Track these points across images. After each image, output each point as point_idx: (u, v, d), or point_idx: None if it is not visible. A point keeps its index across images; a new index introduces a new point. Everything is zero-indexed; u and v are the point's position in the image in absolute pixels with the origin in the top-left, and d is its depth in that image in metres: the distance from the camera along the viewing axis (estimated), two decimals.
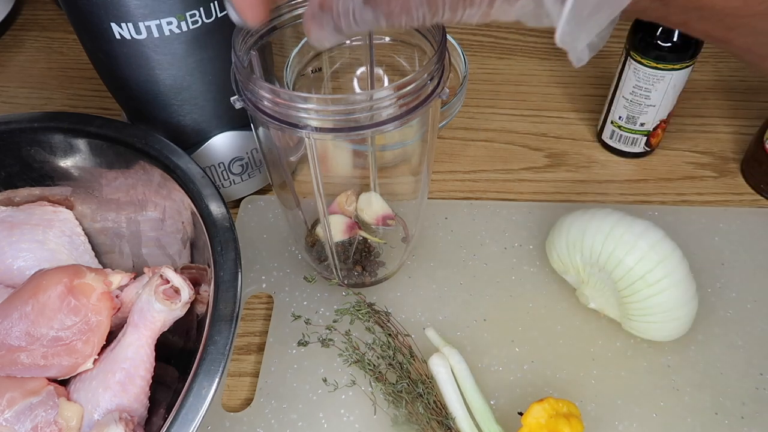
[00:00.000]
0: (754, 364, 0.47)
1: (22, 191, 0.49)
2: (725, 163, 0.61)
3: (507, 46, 0.74)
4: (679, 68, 0.53)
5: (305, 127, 0.35)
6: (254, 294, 0.52)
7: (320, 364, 0.47)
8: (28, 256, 0.45)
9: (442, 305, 0.50)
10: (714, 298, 0.50)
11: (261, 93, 0.35)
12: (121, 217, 0.48)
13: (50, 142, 0.47)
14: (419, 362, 0.46)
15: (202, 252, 0.42)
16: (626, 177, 0.60)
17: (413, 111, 0.35)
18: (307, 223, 0.52)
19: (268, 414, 0.45)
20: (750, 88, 0.69)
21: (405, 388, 0.44)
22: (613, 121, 0.59)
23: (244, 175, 0.56)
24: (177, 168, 0.44)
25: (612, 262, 0.44)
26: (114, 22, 0.42)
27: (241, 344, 0.49)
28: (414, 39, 0.41)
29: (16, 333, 0.38)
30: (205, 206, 0.42)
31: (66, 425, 0.37)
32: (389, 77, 0.63)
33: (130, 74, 0.46)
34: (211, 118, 0.51)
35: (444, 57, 0.37)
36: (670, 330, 0.45)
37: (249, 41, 0.38)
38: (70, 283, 0.39)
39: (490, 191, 0.60)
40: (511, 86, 0.69)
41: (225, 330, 0.36)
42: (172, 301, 0.40)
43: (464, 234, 0.55)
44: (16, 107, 0.68)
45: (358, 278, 0.51)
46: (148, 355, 0.40)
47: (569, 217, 0.48)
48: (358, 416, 0.44)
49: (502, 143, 0.64)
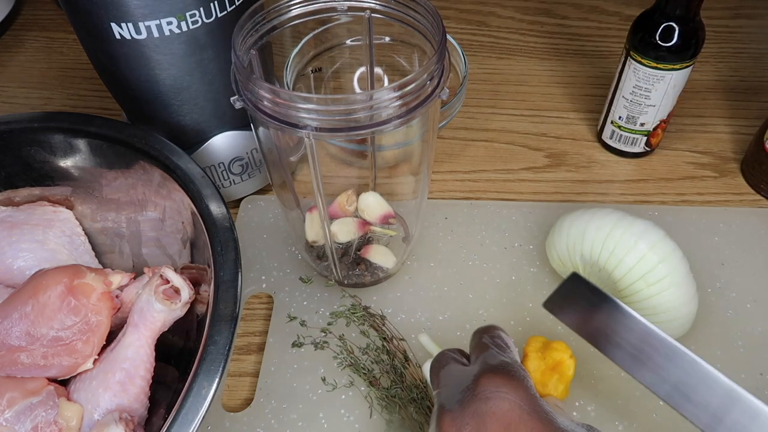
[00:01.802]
0: (754, 364, 0.47)
1: (22, 191, 0.49)
2: (725, 163, 0.61)
3: (507, 46, 0.74)
4: (679, 68, 0.53)
5: (305, 127, 0.35)
6: (254, 294, 0.52)
7: (320, 364, 0.47)
8: (28, 256, 0.45)
9: (442, 305, 0.50)
10: (714, 298, 0.50)
11: (261, 93, 0.35)
12: (121, 217, 0.48)
13: (50, 142, 0.47)
14: (414, 367, 0.46)
15: (202, 252, 0.42)
16: (626, 177, 0.60)
17: (413, 111, 0.35)
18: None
19: (268, 414, 0.45)
20: (750, 88, 0.69)
21: (398, 393, 0.44)
22: (613, 121, 0.59)
23: (244, 175, 0.56)
24: (177, 168, 0.44)
25: (612, 262, 0.44)
26: (114, 22, 0.42)
27: (241, 344, 0.49)
28: (414, 39, 0.41)
29: (16, 333, 0.38)
30: (205, 206, 0.42)
31: (66, 425, 0.37)
32: (389, 77, 0.63)
33: (130, 74, 0.46)
34: (211, 118, 0.51)
35: (444, 57, 0.37)
36: (670, 330, 0.45)
37: (249, 41, 0.38)
38: (70, 283, 0.39)
39: (490, 191, 0.60)
40: (511, 86, 0.69)
41: (225, 330, 0.36)
42: (172, 301, 0.40)
43: (464, 234, 0.55)
44: (16, 107, 0.68)
45: (358, 278, 0.51)
46: (148, 355, 0.40)
47: (569, 217, 0.48)
48: (358, 416, 0.44)
49: (502, 143, 0.64)
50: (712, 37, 0.73)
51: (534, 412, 0.30)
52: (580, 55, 0.73)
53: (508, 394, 0.30)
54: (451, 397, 0.32)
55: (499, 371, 0.32)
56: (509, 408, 0.30)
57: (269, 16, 0.39)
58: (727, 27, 0.76)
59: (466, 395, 0.31)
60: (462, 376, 0.33)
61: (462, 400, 0.31)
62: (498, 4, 0.80)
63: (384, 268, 0.50)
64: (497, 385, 0.31)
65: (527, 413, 0.30)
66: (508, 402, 0.30)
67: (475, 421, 0.30)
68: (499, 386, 0.31)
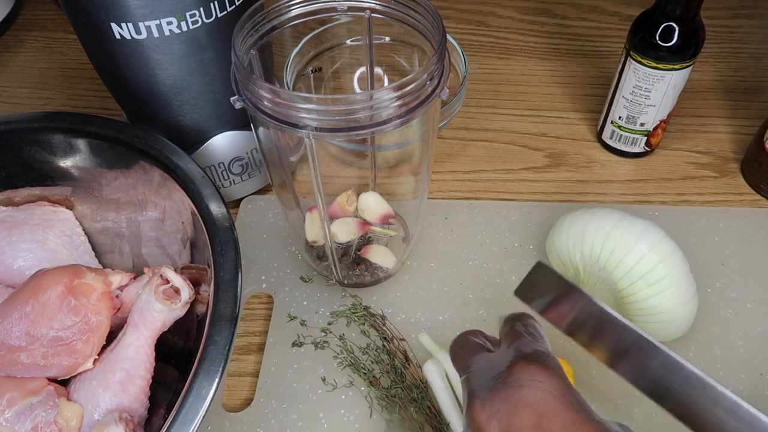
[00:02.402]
0: (754, 364, 0.47)
1: (22, 191, 0.49)
2: (725, 163, 0.61)
3: (507, 46, 0.74)
4: (679, 68, 0.53)
5: (305, 127, 0.35)
6: (254, 294, 0.52)
7: (320, 364, 0.47)
8: (28, 256, 0.45)
9: (442, 305, 0.50)
10: (714, 298, 0.50)
11: (261, 93, 0.35)
12: (121, 217, 0.48)
13: (50, 142, 0.47)
14: (414, 367, 0.46)
15: (202, 252, 0.42)
16: (626, 177, 0.60)
17: (413, 111, 0.35)
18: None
19: (268, 414, 0.45)
20: (750, 88, 0.69)
21: (398, 393, 0.44)
22: (613, 121, 0.59)
23: (244, 175, 0.56)
24: (177, 168, 0.44)
25: (612, 262, 0.44)
26: (114, 22, 0.42)
27: (241, 344, 0.49)
28: (414, 39, 0.41)
29: (16, 333, 0.38)
30: (205, 206, 0.42)
31: (66, 425, 0.37)
32: (389, 77, 0.63)
33: (130, 74, 0.46)
34: (211, 118, 0.51)
35: (444, 57, 0.37)
36: (670, 330, 0.45)
37: (249, 41, 0.38)
38: (70, 283, 0.39)
39: (490, 191, 0.60)
40: (511, 86, 0.69)
41: (225, 330, 0.36)
42: (172, 301, 0.40)
43: (464, 234, 0.55)
44: (16, 107, 0.68)
45: (358, 278, 0.51)
46: (148, 355, 0.40)
47: (569, 217, 0.48)
48: (358, 416, 0.44)
49: (502, 143, 0.64)
50: (712, 37, 0.73)
51: (568, 402, 0.29)
52: (580, 55, 0.73)
53: (542, 383, 0.30)
54: (483, 384, 0.31)
55: (533, 359, 0.31)
56: (543, 397, 0.29)
57: (269, 16, 0.39)
58: (727, 27, 0.76)
59: (497, 382, 0.31)
60: (494, 363, 0.32)
61: (493, 387, 0.30)
62: (498, 4, 0.80)
63: (384, 268, 0.50)
64: (531, 373, 0.30)
65: (561, 403, 0.29)
66: (542, 391, 0.29)
67: (507, 409, 0.29)
68: (533, 375, 0.30)
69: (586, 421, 0.29)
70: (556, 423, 0.29)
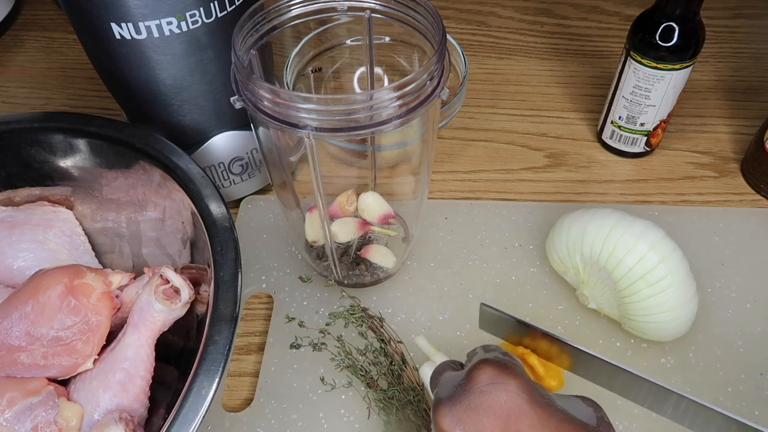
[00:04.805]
0: (754, 364, 0.47)
1: (22, 191, 0.49)
2: (725, 163, 0.61)
3: (507, 46, 0.74)
4: (679, 68, 0.53)
5: (305, 127, 0.35)
6: (254, 294, 0.52)
7: (320, 364, 0.47)
8: (28, 256, 0.45)
9: (442, 305, 0.50)
10: (714, 298, 0.50)
11: (261, 93, 0.35)
12: (121, 217, 0.48)
13: (50, 142, 0.47)
14: (411, 369, 0.46)
15: (202, 252, 0.42)
16: (626, 177, 0.60)
17: (413, 111, 0.35)
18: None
19: (268, 414, 0.45)
20: (750, 88, 0.69)
21: (396, 395, 0.44)
22: (613, 121, 0.59)
23: (244, 175, 0.56)
24: (177, 168, 0.44)
25: (612, 262, 0.44)
26: (114, 22, 0.42)
27: (241, 344, 0.49)
28: (414, 39, 0.41)
29: (16, 333, 0.38)
30: (205, 206, 0.42)
31: (66, 425, 0.37)
32: (389, 77, 0.63)
33: (130, 74, 0.46)
34: (211, 118, 0.51)
35: (444, 57, 0.37)
36: (670, 330, 0.45)
37: (249, 41, 0.38)
38: (70, 283, 0.39)
39: (490, 191, 0.60)
40: (511, 86, 0.69)
41: (225, 330, 0.36)
42: (172, 301, 0.40)
43: (464, 234, 0.55)
44: (16, 107, 0.68)
45: (358, 278, 0.51)
46: (148, 355, 0.40)
47: (569, 217, 0.48)
48: (358, 416, 0.44)
49: (502, 143, 0.64)
50: (712, 37, 0.73)
51: (532, 399, 0.29)
52: (580, 55, 0.73)
53: (503, 384, 0.30)
54: (447, 392, 0.32)
55: (491, 362, 0.31)
56: (507, 398, 0.29)
57: (269, 16, 0.39)
58: (727, 27, 0.76)
59: (458, 390, 0.31)
60: (459, 375, 0.33)
61: (454, 396, 0.31)
62: (498, 4, 0.80)
63: (384, 268, 0.50)
64: (491, 376, 0.30)
65: (526, 402, 0.29)
66: (504, 392, 0.30)
67: (471, 417, 0.29)
68: (493, 378, 0.30)
69: (552, 414, 0.29)
70: (524, 423, 0.29)
